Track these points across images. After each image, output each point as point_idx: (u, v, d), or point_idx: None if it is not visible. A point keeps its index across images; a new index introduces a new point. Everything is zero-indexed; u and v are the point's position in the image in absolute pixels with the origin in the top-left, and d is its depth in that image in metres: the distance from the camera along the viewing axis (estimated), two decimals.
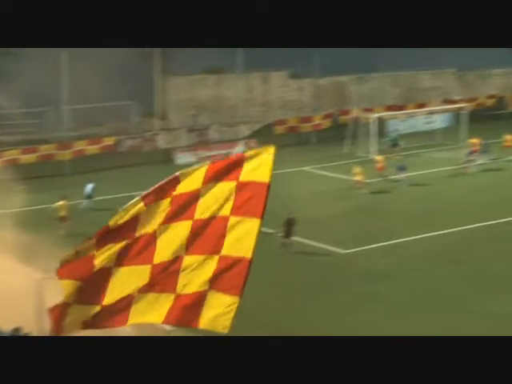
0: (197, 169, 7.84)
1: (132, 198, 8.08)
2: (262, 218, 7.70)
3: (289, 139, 48.03)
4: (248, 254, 7.70)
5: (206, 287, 7.67)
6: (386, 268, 26.92)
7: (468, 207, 34.29)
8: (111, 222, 7.89)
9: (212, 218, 7.66)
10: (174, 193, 7.67)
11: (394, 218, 32.60)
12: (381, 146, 43.55)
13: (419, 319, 22.46)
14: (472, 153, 40.60)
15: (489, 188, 37.47)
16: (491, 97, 56.03)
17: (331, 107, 52.21)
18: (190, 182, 7.67)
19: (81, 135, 43.46)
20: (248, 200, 7.61)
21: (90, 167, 40.43)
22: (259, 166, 7.59)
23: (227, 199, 7.63)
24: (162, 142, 44.99)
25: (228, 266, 7.62)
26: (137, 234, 7.73)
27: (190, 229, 7.64)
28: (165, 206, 7.71)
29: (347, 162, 39.80)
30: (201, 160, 44.21)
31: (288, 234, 28.59)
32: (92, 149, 42.78)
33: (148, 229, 7.70)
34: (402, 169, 37.95)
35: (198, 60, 50.26)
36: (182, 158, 44.21)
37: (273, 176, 7.69)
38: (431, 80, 56.95)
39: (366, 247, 29.15)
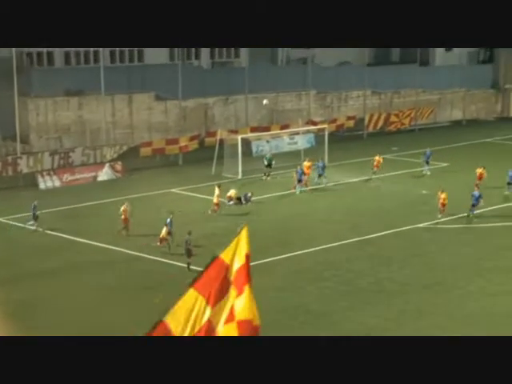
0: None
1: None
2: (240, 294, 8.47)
3: (155, 161, 47.90)
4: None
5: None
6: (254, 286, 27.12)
7: (331, 226, 35.25)
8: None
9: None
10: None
11: (260, 238, 32.94)
12: (246, 166, 44.17)
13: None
14: (304, 174, 41.72)
15: (348, 208, 38.62)
16: (351, 118, 57.99)
17: (197, 129, 52.49)
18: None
19: None
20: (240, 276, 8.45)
21: None
22: (236, 250, 8.21)
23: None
24: (23, 165, 43.74)
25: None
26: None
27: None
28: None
29: (214, 183, 40.06)
30: (65, 184, 43.35)
31: (188, 254, 29.24)
32: None
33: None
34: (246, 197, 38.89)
35: (59, 82, 49.34)
36: (45, 182, 43.16)
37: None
38: (294, 102, 58.33)
39: None
